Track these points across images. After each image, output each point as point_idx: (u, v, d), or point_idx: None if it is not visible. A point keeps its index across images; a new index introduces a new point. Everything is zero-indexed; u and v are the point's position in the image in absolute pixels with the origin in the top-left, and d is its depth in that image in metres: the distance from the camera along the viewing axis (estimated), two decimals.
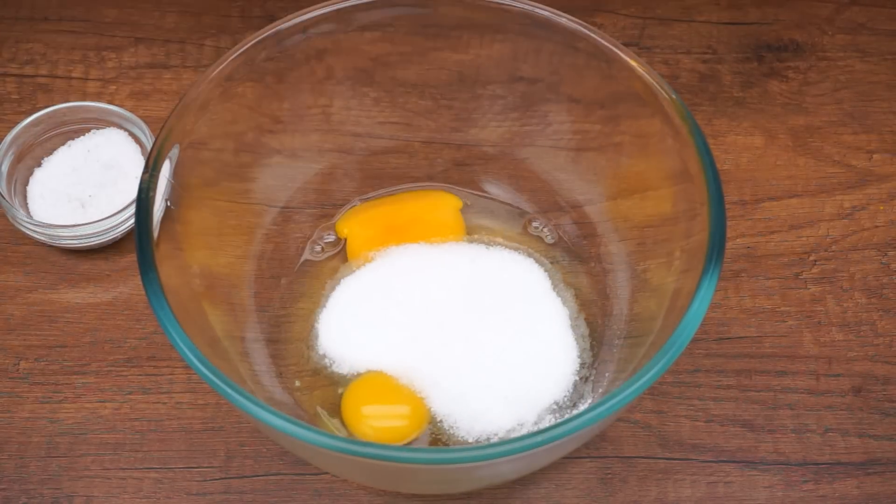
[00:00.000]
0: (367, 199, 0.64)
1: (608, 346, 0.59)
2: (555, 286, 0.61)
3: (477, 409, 0.56)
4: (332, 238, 0.63)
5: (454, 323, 0.58)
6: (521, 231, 0.63)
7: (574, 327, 0.59)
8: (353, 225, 0.63)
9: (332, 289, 0.60)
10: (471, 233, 0.63)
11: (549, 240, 0.63)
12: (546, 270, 0.61)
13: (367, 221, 0.63)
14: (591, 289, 0.61)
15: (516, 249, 0.62)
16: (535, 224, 0.63)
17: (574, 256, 0.62)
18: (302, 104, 0.62)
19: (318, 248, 0.62)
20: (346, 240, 0.62)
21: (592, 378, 0.58)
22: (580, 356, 0.58)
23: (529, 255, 0.62)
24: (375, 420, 0.56)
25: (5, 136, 0.64)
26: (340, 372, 0.58)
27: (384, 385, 0.57)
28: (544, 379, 0.57)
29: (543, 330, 0.58)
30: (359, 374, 0.57)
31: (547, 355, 0.57)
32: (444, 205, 0.64)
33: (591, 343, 0.59)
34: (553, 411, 0.56)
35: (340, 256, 0.62)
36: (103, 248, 0.64)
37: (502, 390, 0.56)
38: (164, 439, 0.58)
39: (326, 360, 0.58)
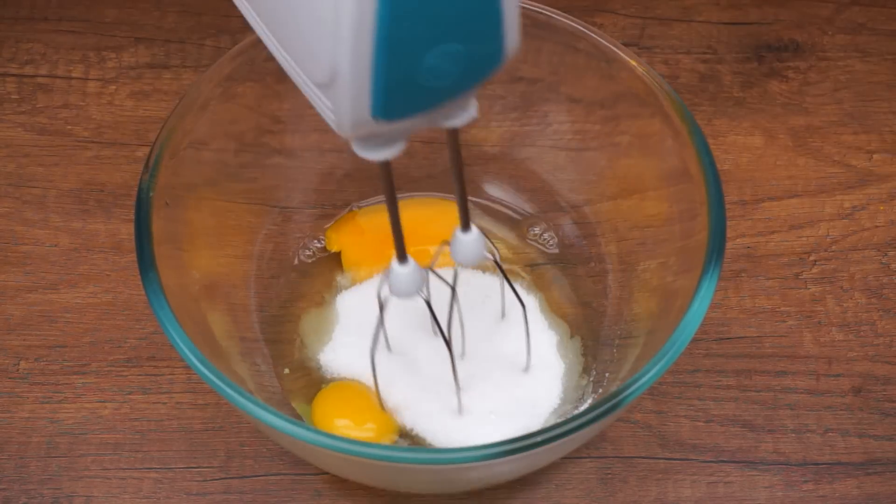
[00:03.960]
0: (361, 207, 0.64)
1: (608, 347, 0.59)
2: (547, 307, 0.60)
3: (457, 428, 0.56)
4: (322, 244, 0.63)
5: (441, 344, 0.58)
6: (520, 235, 0.63)
7: (566, 346, 0.59)
8: (346, 236, 0.62)
9: (330, 298, 0.60)
10: None
11: (547, 245, 0.63)
12: (536, 294, 0.61)
13: (361, 233, 0.63)
14: (590, 289, 0.61)
15: (508, 269, 0.62)
16: (533, 230, 0.63)
17: (573, 260, 0.62)
18: (302, 104, 0.62)
19: (309, 252, 0.62)
20: (340, 251, 0.62)
21: (592, 379, 0.58)
22: (568, 384, 0.58)
23: (521, 277, 0.61)
24: (343, 431, 0.56)
25: None
26: (328, 377, 0.58)
27: (349, 396, 0.57)
28: (529, 405, 0.57)
29: (533, 355, 0.58)
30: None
31: (533, 382, 0.57)
32: (444, 218, 0.63)
33: (587, 352, 0.59)
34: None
35: (334, 258, 0.62)
36: (103, 249, 0.64)
37: (487, 411, 0.56)
38: (164, 439, 0.58)
39: (312, 364, 0.58)
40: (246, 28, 0.75)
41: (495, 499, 0.57)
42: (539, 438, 0.45)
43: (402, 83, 0.36)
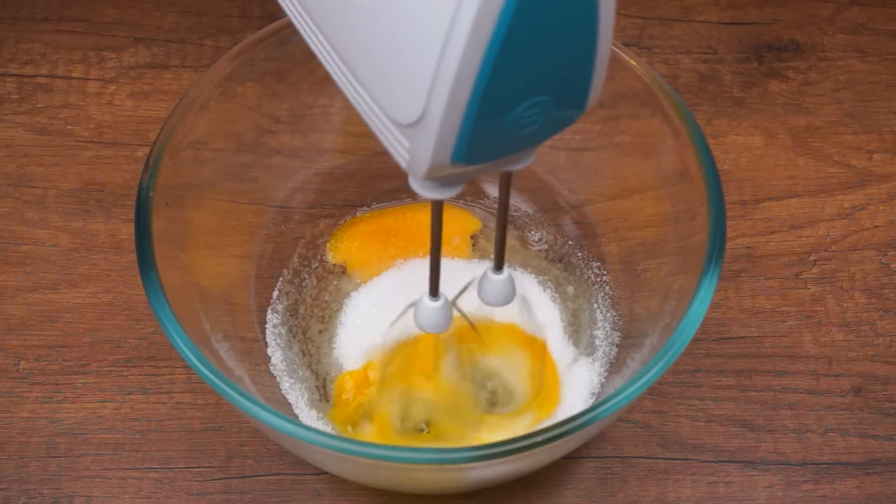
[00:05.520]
0: (358, 214, 0.64)
1: (608, 347, 0.59)
2: (551, 299, 0.61)
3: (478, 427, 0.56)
4: (324, 258, 0.62)
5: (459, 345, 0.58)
6: (520, 235, 0.63)
7: (580, 364, 0.59)
8: (348, 242, 0.62)
9: (340, 302, 0.60)
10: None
11: (545, 246, 0.63)
12: (543, 284, 0.61)
13: (362, 239, 0.62)
14: (591, 289, 0.61)
15: (520, 267, 0.62)
16: (533, 231, 0.63)
17: (570, 262, 0.62)
18: (302, 104, 0.62)
19: (316, 265, 0.62)
20: (345, 263, 0.62)
21: (592, 377, 0.58)
22: (581, 396, 0.58)
23: (529, 270, 0.62)
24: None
25: None
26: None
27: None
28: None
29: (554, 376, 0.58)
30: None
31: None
32: (455, 223, 0.63)
33: (589, 347, 0.59)
34: None
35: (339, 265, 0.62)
36: (103, 249, 0.64)
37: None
38: (164, 439, 0.58)
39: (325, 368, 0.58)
40: (246, 28, 0.76)
41: (495, 499, 0.57)
42: (539, 438, 0.45)
43: (489, 131, 0.35)
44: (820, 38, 0.74)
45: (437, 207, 0.43)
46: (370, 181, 0.64)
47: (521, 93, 0.35)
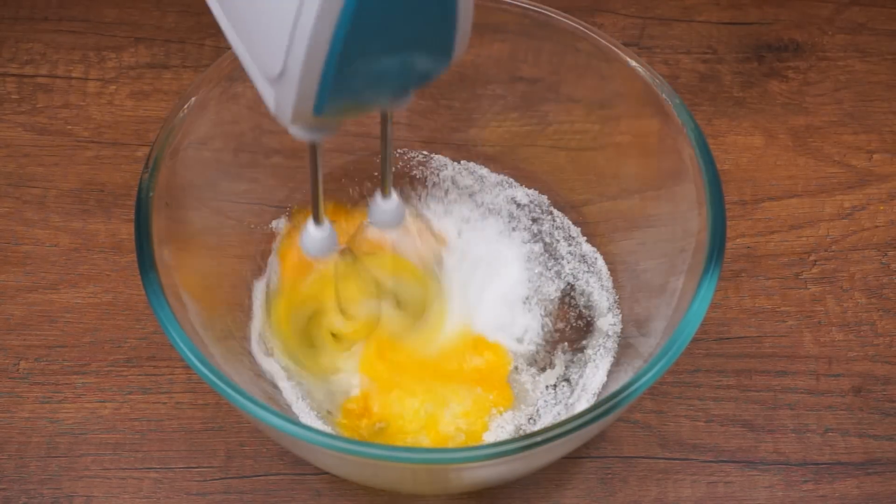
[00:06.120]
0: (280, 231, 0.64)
1: (608, 347, 0.59)
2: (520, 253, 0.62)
3: None
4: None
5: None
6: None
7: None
8: (292, 263, 0.62)
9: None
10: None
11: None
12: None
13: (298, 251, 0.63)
14: (590, 290, 0.61)
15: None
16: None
17: (572, 261, 0.62)
18: None
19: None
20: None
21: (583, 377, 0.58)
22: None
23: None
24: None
25: None
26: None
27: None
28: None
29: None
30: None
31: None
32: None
33: (586, 341, 0.59)
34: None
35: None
36: (103, 249, 0.64)
37: None
38: (164, 439, 0.58)
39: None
40: None
41: (495, 499, 0.57)
42: (539, 438, 0.45)
43: (349, 87, 0.37)
44: (820, 38, 0.74)
45: (312, 147, 0.45)
46: (370, 181, 0.64)
47: (380, 52, 0.36)
